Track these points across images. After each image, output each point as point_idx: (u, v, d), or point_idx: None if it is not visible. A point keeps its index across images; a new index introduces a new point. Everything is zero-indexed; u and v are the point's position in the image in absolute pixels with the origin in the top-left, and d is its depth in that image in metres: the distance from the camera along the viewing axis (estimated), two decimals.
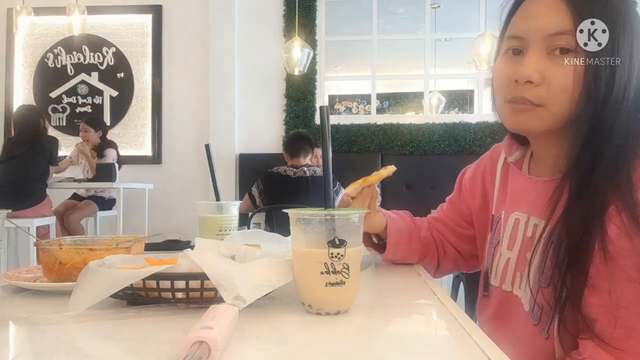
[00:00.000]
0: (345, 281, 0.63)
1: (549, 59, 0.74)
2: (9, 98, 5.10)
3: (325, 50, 4.99)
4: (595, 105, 0.71)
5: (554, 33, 0.74)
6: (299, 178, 3.16)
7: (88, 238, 0.92)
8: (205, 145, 1.28)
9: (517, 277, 0.85)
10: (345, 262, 0.63)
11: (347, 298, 0.65)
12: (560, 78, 0.73)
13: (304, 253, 0.64)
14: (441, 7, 5.07)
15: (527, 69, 0.74)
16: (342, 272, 0.63)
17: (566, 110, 0.74)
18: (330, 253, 0.62)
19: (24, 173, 3.85)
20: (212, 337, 0.45)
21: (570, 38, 0.73)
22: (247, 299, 0.59)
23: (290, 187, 3.16)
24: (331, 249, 0.62)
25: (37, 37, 5.11)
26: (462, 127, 4.73)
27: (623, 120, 0.72)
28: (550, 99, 0.74)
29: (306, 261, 0.64)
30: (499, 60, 0.83)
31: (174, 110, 5.00)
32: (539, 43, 0.75)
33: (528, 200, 0.85)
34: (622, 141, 0.71)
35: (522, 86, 0.75)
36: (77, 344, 0.56)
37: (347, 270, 0.63)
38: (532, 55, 0.75)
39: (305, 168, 3.20)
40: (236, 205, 1.19)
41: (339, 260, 0.62)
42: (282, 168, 3.24)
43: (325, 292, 0.63)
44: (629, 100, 0.73)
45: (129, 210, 4.49)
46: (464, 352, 0.53)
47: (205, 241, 0.77)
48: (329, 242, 0.62)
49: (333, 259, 0.62)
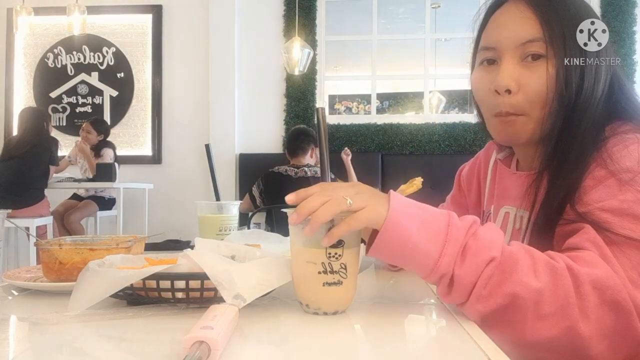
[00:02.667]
0: (343, 281, 0.63)
1: (523, 66, 0.78)
2: (9, 98, 5.10)
3: (325, 50, 4.99)
4: (567, 106, 0.75)
5: (525, 42, 0.77)
6: (300, 178, 3.13)
7: (88, 238, 0.91)
8: (205, 145, 1.28)
9: None
10: (343, 262, 0.63)
11: (344, 298, 0.65)
12: (534, 84, 0.77)
13: (301, 252, 0.64)
14: (441, 7, 5.06)
15: (504, 79, 0.78)
16: (339, 272, 0.62)
17: (545, 114, 0.77)
18: (328, 253, 0.62)
19: (24, 173, 3.86)
20: (212, 337, 0.45)
21: (540, 45, 0.76)
22: (247, 298, 0.59)
23: (291, 187, 3.12)
24: (329, 249, 0.62)
25: (37, 37, 5.11)
26: (462, 127, 4.74)
27: (590, 118, 0.75)
28: (528, 106, 0.78)
29: (304, 260, 0.64)
30: (475, 72, 0.86)
31: (174, 110, 5.00)
32: (511, 52, 0.78)
33: (515, 194, 0.87)
34: (586, 140, 0.74)
35: (503, 97, 0.78)
36: (77, 344, 0.56)
37: (344, 270, 0.63)
38: (506, 64, 0.79)
39: (306, 168, 3.17)
40: (236, 205, 1.19)
41: (337, 260, 0.62)
42: (283, 168, 3.21)
43: (322, 291, 0.63)
44: (596, 100, 0.76)
45: (129, 210, 4.50)
46: (464, 352, 0.53)
47: (205, 241, 0.77)
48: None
49: (330, 258, 0.62)
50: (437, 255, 0.61)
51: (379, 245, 0.62)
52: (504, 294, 0.59)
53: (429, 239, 0.61)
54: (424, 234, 0.61)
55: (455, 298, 0.62)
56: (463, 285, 0.60)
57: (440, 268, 0.61)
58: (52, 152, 4.00)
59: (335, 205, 0.61)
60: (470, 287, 0.60)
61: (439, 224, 0.62)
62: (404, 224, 0.61)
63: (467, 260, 0.60)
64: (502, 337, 0.58)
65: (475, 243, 0.61)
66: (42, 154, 3.93)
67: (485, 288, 0.60)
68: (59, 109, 5.10)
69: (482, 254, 0.60)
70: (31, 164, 3.88)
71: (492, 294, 0.60)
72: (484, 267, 0.60)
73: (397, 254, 0.63)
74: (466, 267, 0.60)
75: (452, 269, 0.61)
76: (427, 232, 0.61)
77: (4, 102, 5.11)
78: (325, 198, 0.61)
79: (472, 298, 0.60)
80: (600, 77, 0.77)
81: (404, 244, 0.61)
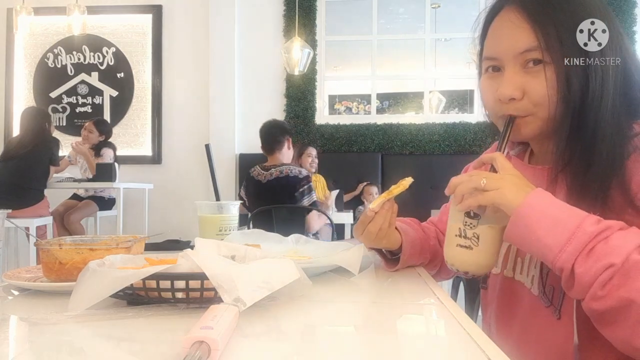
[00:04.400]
0: (473, 248, 0.76)
1: (525, 72, 0.80)
2: (9, 98, 5.10)
3: (325, 50, 5.00)
4: (573, 107, 0.76)
5: (523, 51, 0.79)
6: (268, 182, 3.10)
7: (88, 238, 0.91)
8: (205, 145, 1.28)
9: (518, 263, 0.87)
10: (476, 233, 0.76)
11: (470, 261, 0.78)
12: (538, 88, 0.78)
13: (451, 217, 0.80)
14: (441, 7, 5.06)
15: (508, 89, 0.80)
16: (471, 239, 0.77)
17: (552, 113, 0.78)
18: (465, 221, 0.77)
19: (25, 174, 3.85)
20: (212, 337, 0.45)
21: (538, 52, 0.78)
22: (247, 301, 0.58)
23: (263, 191, 3.10)
24: (465, 217, 0.77)
25: (37, 37, 5.11)
26: (462, 127, 4.74)
27: (608, 116, 0.75)
28: (534, 108, 0.80)
29: (451, 222, 0.80)
30: (483, 78, 0.87)
31: (174, 110, 5.00)
32: (512, 61, 0.80)
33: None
34: (611, 136, 0.75)
35: (507, 104, 0.81)
36: (77, 344, 0.56)
37: (476, 240, 0.76)
38: (508, 73, 0.81)
39: (273, 169, 3.11)
40: (236, 205, 1.19)
41: (470, 229, 0.77)
42: (256, 170, 3.18)
43: (455, 250, 0.78)
44: (608, 98, 0.76)
45: (129, 210, 4.50)
46: (464, 352, 0.53)
47: (205, 241, 0.77)
48: (466, 213, 0.76)
49: (466, 226, 0.77)
50: (557, 250, 0.67)
51: (508, 232, 0.72)
52: (620, 297, 0.63)
53: (554, 235, 0.67)
54: (550, 231, 0.67)
55: (575, 293, 0.68)
56: (581, 283, 0.65)
57: (558, 263, 0.67)
58: (53, 153, 4.00)
59: (472, 182, 0.74)
60: (587, 287, 0.65)
61: (569, 224, 0.67)
62: (533, 218, 0.69)
63: (590, 261, 0.65)
64: (613, 336, 0.66)
65: (604, 247, 0.65)
66: (43, 155, 3.93)
67: (602, 289, 0.64)
68: (59, 109, 5.10)
69: (605, 258, 0.64)
70: (32, 165, 3.88)
71: (608, 295, 0.64)
72: (602, 270, 0.64)
73: (521, 242, 0.72)
74: (587, 267, 0.65)
75: (570, 266, 0.66)
76: (555, 229, 0.67)
77: (4, 102, 5.11)
78: (468, 177, 0.75)
79: (588, 296, 0.65)
80: (608, 74, 0.77)
81: (527, 235, 0.69)
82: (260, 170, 3.17)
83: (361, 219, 0.95)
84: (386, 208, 0.93)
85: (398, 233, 0.98)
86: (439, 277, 1.11)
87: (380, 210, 0.92)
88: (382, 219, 0.93)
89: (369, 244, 0.97)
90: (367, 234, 0.93)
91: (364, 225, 0.93)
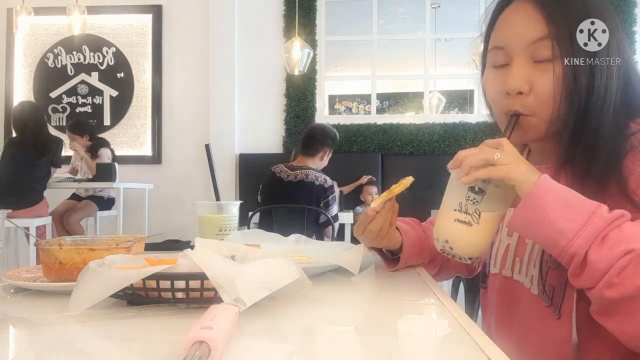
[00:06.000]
0: (473, 224, 0.71)
1: (534, 67, 0.78)
2: (9, 98, 5.10)
3: (325, 50, 4.99)
4: (578, 105, 0.76)
5: (534, 40, 0.77)
6: (290, 182, 3.07)
7: (88, 238, 0.91)
8: (205, 145, 1.28)
9: (516, 263, 0.87)
10: (478, 209, 0.71)
11: (469, 240, 0.72)
12: (545, 85, 0.77)
13: (449, 189, 0.74)
14: (441, 7, 5.07)
15: (517, 82, 0.78)
16: (472, 215, 0.71)
17: (555, 115, 0.77)
18: (467, 196, 0.71)
19: (25, 174, 3.83)
20: (212, 337, 0.45)
21: (548, 43, 0.76)
22: (247, 301, 0.58)
23: (278, 190, 3.06)
24: (468, 192, 0.71)
25: (37, 37, 5.11)
26: (462, 127, 4.74)
27: (610, 116, 0.76)
28: (538, 106, 0.78)
29: (449, 195, 0.74)
30: (486, 73, 0.86)
31: (174, 110, 5.00)
32: (522, 52, 0.79)
33: None
34: (612, 135, 0.75)
35: (514, 98, 0.79)
36: (77, 344, 0.56)
37: (477, 216, 0.71)
38: (517, 65, 0.79)
39: (299, 171, 3.09)
40: (236, 205, 1.19)
41: (473, 205, 0.71)
42: (279, 168, 3.15)
43: (452, 225, 0.72)
44: (611, 98, 0.76)
45: (129, 210, 4.49)
46: (464, 352, 0.53)
47: (205, 241, 0.76)
48: (470, 187, 0.71)
49: (468, 201, 0.71)
50: (572, 235, 0.64)
51: (517, 213, 0.68)
52: (635, 285, 0.61)
53: (569, 219, 0.65)
54: (565, 214, 0.65)
55: (584, 282, 0.65)
56: (596, 269, 0.63)
57: (571, 248, 0.64)
58: (56, 155, 3.95)
59: (484, 154, 0.70)
60: (602, 273, 0.62)
61: (584, 209, 0.65)
62: (547, 200, 0.66)
63: (605, 247, 0.63)
64: (619, 328, 0.64)
65: (618, 233, 0.63)
66: (45, 156, 3.89)
67: (617, 276, 0.62)
68: (59, 109, 5.10)
69: (623, 244, 0.62)
70: (33, 166, 3.85)
71: (623, 282, 0.61)
72: (621, 256, 0.62)
73: (529, 225, 0.68)
74: (602, 253, 0.62)
75: (584, 252, 0.63)
76: (570, 213, 0.65)
77: (4, 102, 5.11)
78: (479, 150, 0.70)
79: (602, 283, 0.62)
80: (612, 74, 0.77)
81: (539, 218, 0.66)
82: (284, 168, 3.12)
83: (362, 219, 0.95)
84: (387, 207, 0.93)
85: (399, 233, 0.98)
86: (439, 277, 1.11)
87: (381, 210, 0.92)
88: (383, 218, 0.92)
89: (370, 244, 0.97)
90: (368, 234, 0.93)
91: (365, 225, 0.93)
